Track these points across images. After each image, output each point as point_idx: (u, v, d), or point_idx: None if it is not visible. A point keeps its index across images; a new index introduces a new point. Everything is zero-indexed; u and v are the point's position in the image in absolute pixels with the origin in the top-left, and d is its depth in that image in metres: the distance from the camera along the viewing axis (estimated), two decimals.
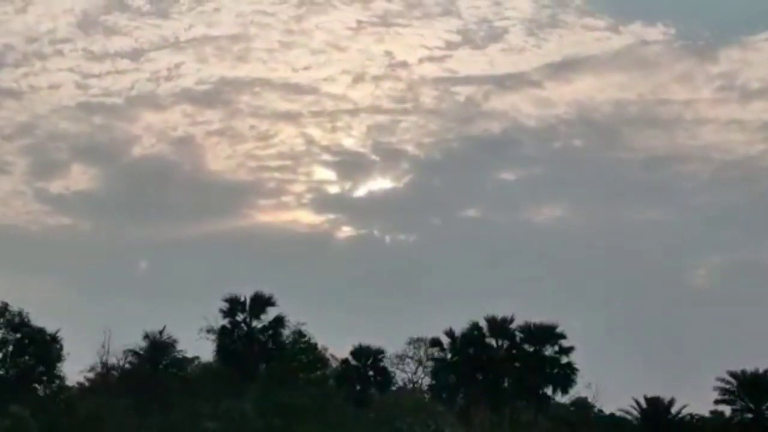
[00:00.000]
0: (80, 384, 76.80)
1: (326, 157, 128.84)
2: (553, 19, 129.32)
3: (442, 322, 76.71)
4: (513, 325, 74.05)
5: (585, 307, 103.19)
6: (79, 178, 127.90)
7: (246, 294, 75.90)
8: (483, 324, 74.26)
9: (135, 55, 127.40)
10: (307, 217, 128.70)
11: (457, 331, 74.92)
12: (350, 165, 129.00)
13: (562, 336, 74.01)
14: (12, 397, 66.10)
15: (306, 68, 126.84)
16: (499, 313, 73.77)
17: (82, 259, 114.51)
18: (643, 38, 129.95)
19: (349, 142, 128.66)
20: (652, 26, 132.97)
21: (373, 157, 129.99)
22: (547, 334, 73.84)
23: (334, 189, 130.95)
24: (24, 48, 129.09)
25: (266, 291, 75.26)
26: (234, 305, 75.72)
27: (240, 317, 75.99)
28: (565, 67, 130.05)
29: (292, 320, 76.15)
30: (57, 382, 73.18)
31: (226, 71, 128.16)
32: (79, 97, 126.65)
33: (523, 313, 74.03)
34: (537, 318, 73.75)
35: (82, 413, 66.15)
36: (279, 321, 76.05)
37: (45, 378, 72.81)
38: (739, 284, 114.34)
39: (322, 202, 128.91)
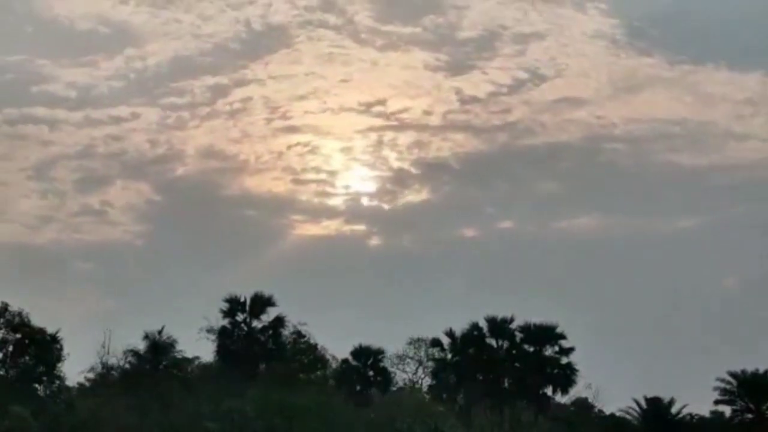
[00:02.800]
0: (80, 384, 76.79)
1: (366, 170, 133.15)
2: (614, 58, 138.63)
3: (442, 323, 76.99)
4: (513, 325, 74.16)
5: (594, 310, 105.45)
6: (124, 193, 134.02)
7: (246, 294, 76.12)
8: (483, 324, 74.37)
9: (215, 89, 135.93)
10: (339, 228, 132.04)
11: (458, 332, 75.07)
12: (390, 179, 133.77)
13: (563, 336, 74.12)
14: (12, 397, 65.98)
15: (377, 102, 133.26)
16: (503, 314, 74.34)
17: (124, 271, 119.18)
18: (694, 72, 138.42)
19: (392, 156, 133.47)
20: (702, 64, 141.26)
21: (414, 170, 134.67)
22: (547, 334, 73.91)
23: (370, 201, 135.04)
24: (109, 84, 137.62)
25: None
26: (234, 305, 75.78)
27: (240, 317, 76.07)
28: (616, 95, 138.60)
29: (303, 323, 76.74)
30: (57, 382, 73.09)
31: (294, 100, 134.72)
32: (151, 125, 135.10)
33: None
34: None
35: (82, 413, 66.05)
36: (279, 321, 76.09)
37: (45, 378, 72.72)
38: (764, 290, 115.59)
39: (357, 213, 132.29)
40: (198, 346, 76.45)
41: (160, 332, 73.81)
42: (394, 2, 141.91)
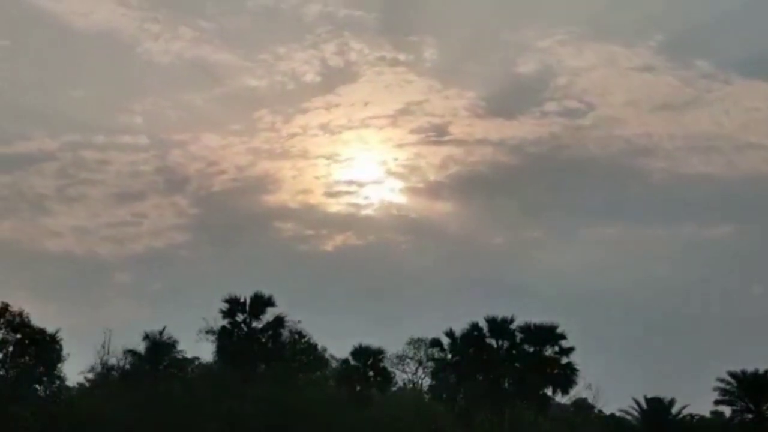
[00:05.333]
0: (80, 384, 76.88)
1: (398, 181, 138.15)
2: (656, 85, 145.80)
3: (442, 323, 76.94)
4: (513, 325, 74.07)
5: (601, 312, 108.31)
6: (164, 207, 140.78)
7: (246, 295, 76.05)
8: (483, 324, 74.29)
9: (278, 116, 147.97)
10: (366, 237, 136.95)
11: (457, 332, 75.01)
12: (422, 190, 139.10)
13: (563, 336, 73.96)
14: (12, 397, 66.08)
15: (429, 126, 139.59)
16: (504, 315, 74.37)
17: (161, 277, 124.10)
18: (730, 93, 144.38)
19: (429, 171, 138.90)
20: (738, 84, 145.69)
21: (449, 182, 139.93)
22: (547, 334, 73.80)
23: (401, 211, 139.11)
24: (177, 113, 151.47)
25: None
26: (234, 306, 75.67)
27: (240, 318, 76.02)
28: (654, 114, 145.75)
29: (298, 321, 76.93)
30: (57, 382, 73.06)
31: (346, 124, 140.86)
32: (205, 148, 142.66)
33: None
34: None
35: (82, 413, 66.14)
36: (279, 321, 76.05)
37: (45, 378, 72.70)
38: None
39: (386, 222, 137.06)
40: (198, 347, 76.61)
41: (161, 333, 73.94)
42: (461, 41, 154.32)
